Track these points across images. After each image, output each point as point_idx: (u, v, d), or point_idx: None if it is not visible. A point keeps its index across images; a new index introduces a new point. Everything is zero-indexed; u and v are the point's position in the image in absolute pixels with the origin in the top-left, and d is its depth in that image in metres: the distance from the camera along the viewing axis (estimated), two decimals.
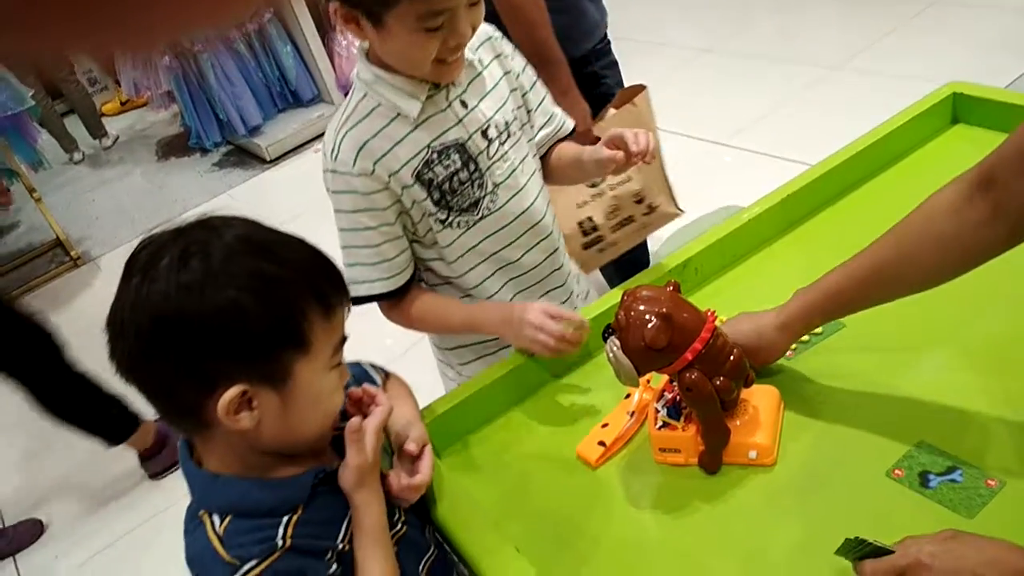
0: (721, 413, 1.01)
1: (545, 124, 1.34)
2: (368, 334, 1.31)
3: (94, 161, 5.20)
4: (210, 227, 0.79)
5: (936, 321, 1.14)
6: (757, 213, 1.41)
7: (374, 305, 1.25)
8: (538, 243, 1.32)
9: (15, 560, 2.37)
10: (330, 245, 0.86)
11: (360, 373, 1.06)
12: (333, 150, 1.17)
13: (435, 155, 1.18)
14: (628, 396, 1.15)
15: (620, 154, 1.18)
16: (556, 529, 1.03)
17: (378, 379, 1.07)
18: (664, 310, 0.96)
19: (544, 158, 1.35)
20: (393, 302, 1.26)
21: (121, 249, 3.91)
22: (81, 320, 0.83)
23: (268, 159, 4.50)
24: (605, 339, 1.02)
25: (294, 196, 3.89)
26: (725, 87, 3.84)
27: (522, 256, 1.31)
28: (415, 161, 1.17)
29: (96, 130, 5.28)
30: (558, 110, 1.37)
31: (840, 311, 1.06)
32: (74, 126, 5.25)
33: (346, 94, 1.23)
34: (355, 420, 0.88)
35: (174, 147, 5.07)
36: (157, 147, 5.19)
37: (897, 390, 1.08)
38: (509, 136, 1.24)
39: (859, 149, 1.49)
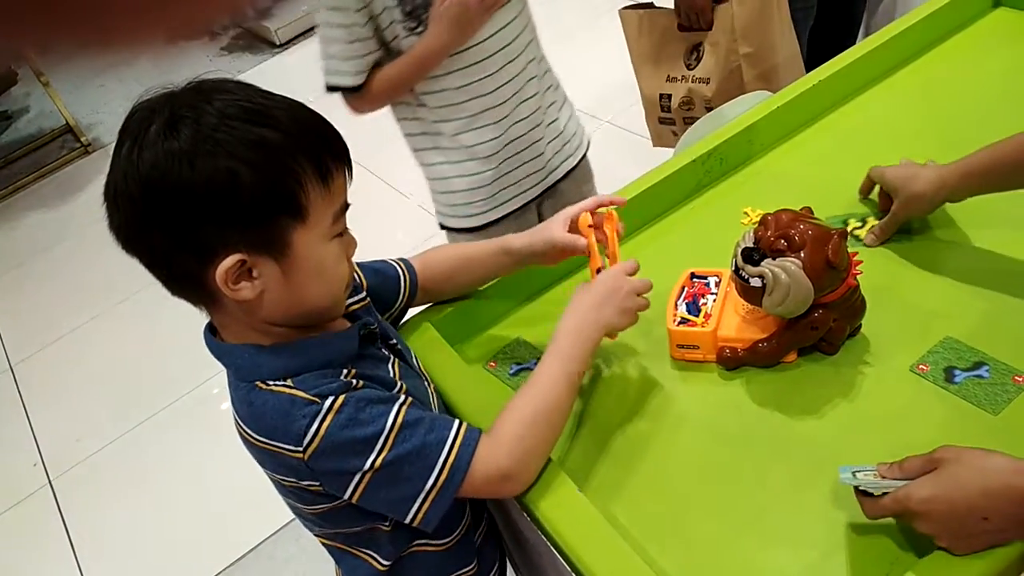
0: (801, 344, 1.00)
1: None
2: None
3: None
4: (201, 91, 0.76)
5: (968, 214, 1.10)
6: (786, 101, 1.35)
7: (389, 209, 1.27)
8: (516, 86, 1.39)
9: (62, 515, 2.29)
10: (340, 129, 0.82)
11: (383, 266, 1.05)
12: None
13: None
14: None
15: None
16: (570, 423, 1.03)
17: (400, 271, 1.07)
18: (832, 231, 0.93)
19: None
20: (358, 95, 1.37)
21: None
22: (94, 208, 0.82)
23: (278, 43, 4.39)
24: (737, 270, 0.96)
25: (305, 81, 3.75)
26: None
27: (497, 89, 1.38)
28: None
29: None
30: None
31: (1004, 181, 1.00)
32: None
33: None
34: None
35: None
36: None
37: (925, 284, 1.05)
38: None
39: (893, 33, 1.42)
